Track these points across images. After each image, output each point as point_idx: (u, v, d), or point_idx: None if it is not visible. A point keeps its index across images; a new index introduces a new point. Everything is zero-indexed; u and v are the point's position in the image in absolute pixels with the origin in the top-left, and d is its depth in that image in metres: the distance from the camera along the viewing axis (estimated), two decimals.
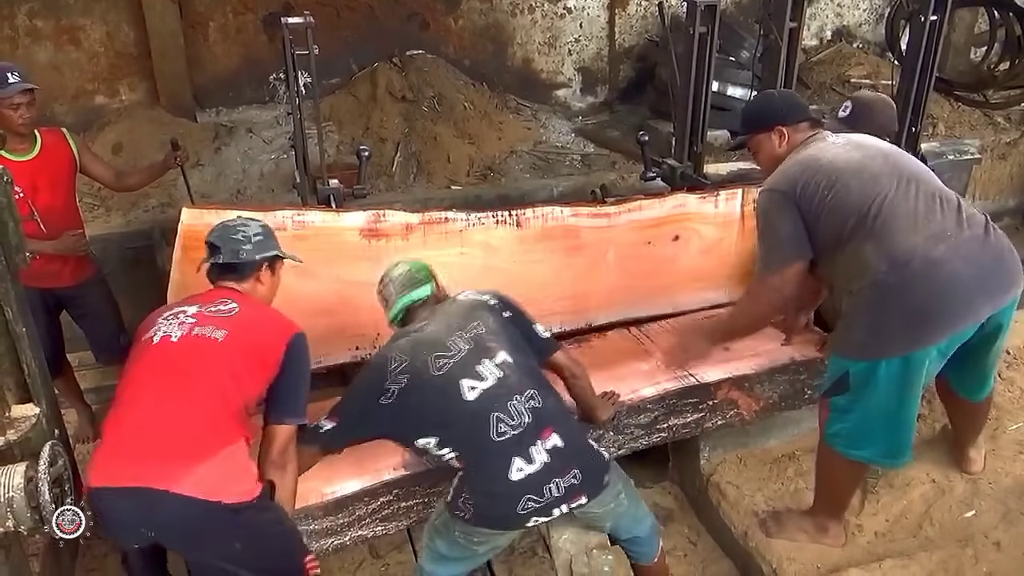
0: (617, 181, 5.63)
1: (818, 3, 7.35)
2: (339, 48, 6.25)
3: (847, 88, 6.91)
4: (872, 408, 2.55)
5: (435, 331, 2.48)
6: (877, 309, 2.46)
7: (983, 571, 2.57)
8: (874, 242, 2.46)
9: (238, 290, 2.48)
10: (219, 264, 2.49)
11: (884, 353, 2.47)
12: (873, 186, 2.52)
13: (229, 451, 2.19)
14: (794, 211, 2.59)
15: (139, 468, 2.13)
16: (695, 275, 3.77)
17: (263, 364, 2.33)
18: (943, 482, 2.97)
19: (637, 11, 6.95)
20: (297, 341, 2.39)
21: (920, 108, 4.09)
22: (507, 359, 2.44)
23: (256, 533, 2.23)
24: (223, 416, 2.22)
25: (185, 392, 2.22)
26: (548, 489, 2.30)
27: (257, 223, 2.61)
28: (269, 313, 2.49)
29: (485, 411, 2.34)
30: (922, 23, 3.96)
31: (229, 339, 2.28)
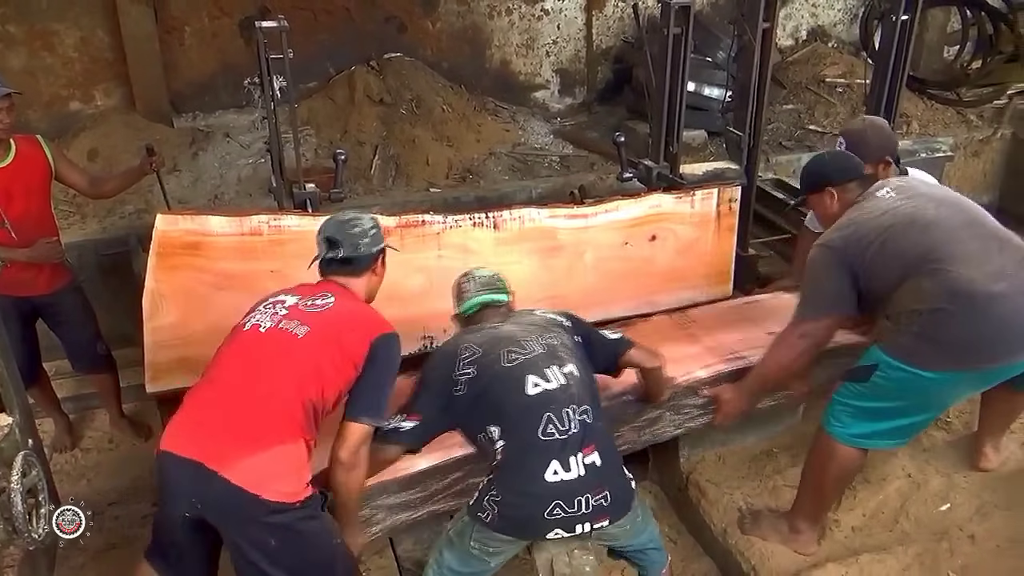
0: (596, 182, 5.65)
1: (793, 3, 7.41)
2: (316, 51, 6.23)
3: (823, 87, 6.98)
4: (898, 407, 2.62)
5: (512, 331, 2.53)
6: (936, 329, 2.53)
7: (958, 564, 2.60)
8: (932, 279, 2.53)
9: (343, 284, 2.49)
10: (338, 259, 2.49)
11: (932, 366, 2.53)
12: (927, 234, 2.60)
13: (283, 449, 2.19)
14: (841, 268, 2.69)
15: (200, 444, 2.18)
16: (672, 275, 3.79)
17: (345, 362, 2.32)
18: (918, 476, 3.00)
19: (614, 12, 6.97)
20: (383, 340, 2.37)
21: (893, 106, 4.14)
22: (574, 371, 2.48)
23: (294, 537, 2.21)
24: (285, 414, 2.22)
25: (255, 383, 2.25)
26: (578, 502, 2.32)
27: (368, 217, 2.63)
28: (363, 311, 2.48)
29: (540, 408, 2.38)
30: (893, 23, 4.01)
31: (310, 336, 2.30)
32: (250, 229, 3.14)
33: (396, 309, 3.18)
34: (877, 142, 3.17)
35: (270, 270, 3.17)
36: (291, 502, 2.18)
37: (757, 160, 4.18)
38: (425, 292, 3.39)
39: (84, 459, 4.06)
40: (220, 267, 3.11)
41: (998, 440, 3.05)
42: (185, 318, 3.11)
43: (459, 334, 2.61)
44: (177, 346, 3.12)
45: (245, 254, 3.15)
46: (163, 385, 3.16)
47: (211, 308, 3.14)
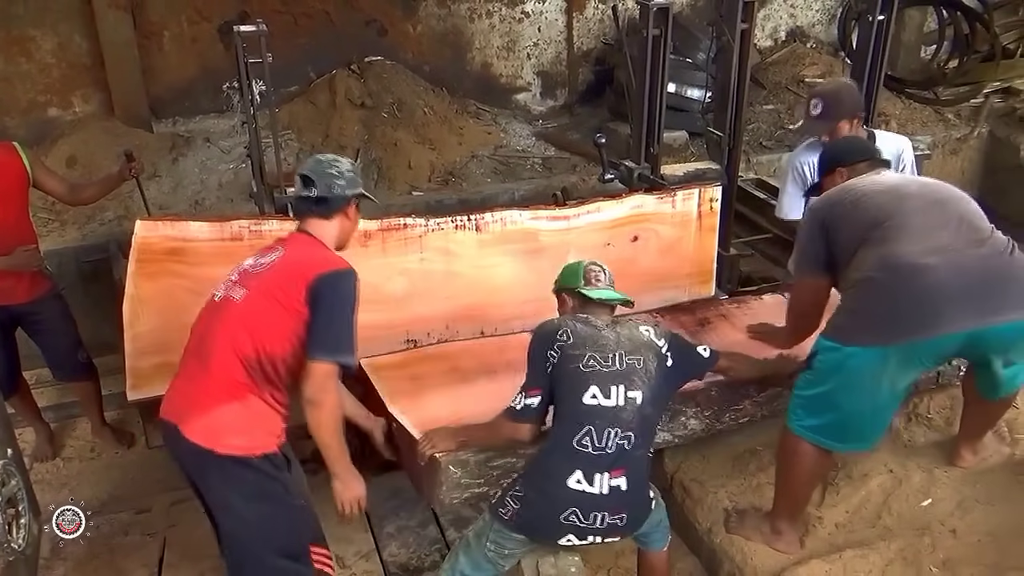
0: (578, 183, 5.67)
1: (771, 4, 7.46)
2: (297, 55, 6.22)
3: (802, 87, 7.02)
4: (830, 390, 2.60)
5: (608, 338, 2.54)
6: (859, 300, 2.57)
7: (940, 558, 2.62)
8: (875, 249, 2.55)
9: (308, 230, 2.55)
10: (311, 198, 2.52)
11: (854, 340, 2.53)
12: (897, 204, 2.62)
13: (233, 406, 2.35)
14: (817, 229, 2.75)
15: (171, 406, 2.44)
16: (655, 275, 3.80)
17: (285, 313, 2.38)
18: (900, 472, 3.02)
19: (594, 14, 7.00)
20: (322, 280, 2.39)
21: (871, 105, 4.16)
22: (637, 400, 2.48)
23: (256, 492, 2.36)
24: (225, 374, 2.36)
25: (201, 349, 2.43)
26: (595, 516, 2.38)
27: (348, 160, 2.65)
28: (306, 257, 2.48)
29: (585, 419, 2.42)
30: (870, 23, 4.04)
31: (246, 298, 2.41)
32: (231, 234, 3.12)
33: (378, 313, 3.20)
34: (850, 100, 3.45)
35: None
36: (244, 455, 2.33)
37: (738, 160, 4.20)
38: (408, 295, 3.38)
39: (66, 468, 4.02)
40: (201, 273, 3.08)
41: (975, 443, 3.04)
42: (166, 324, 3.08)
43: (566, 317, 2.64)
44: (158, 352, 3.09)
45: (226, 259, 3.10)
46: (145, 392, 3.13)
47: (192, 314, 3.07)
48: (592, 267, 2.70)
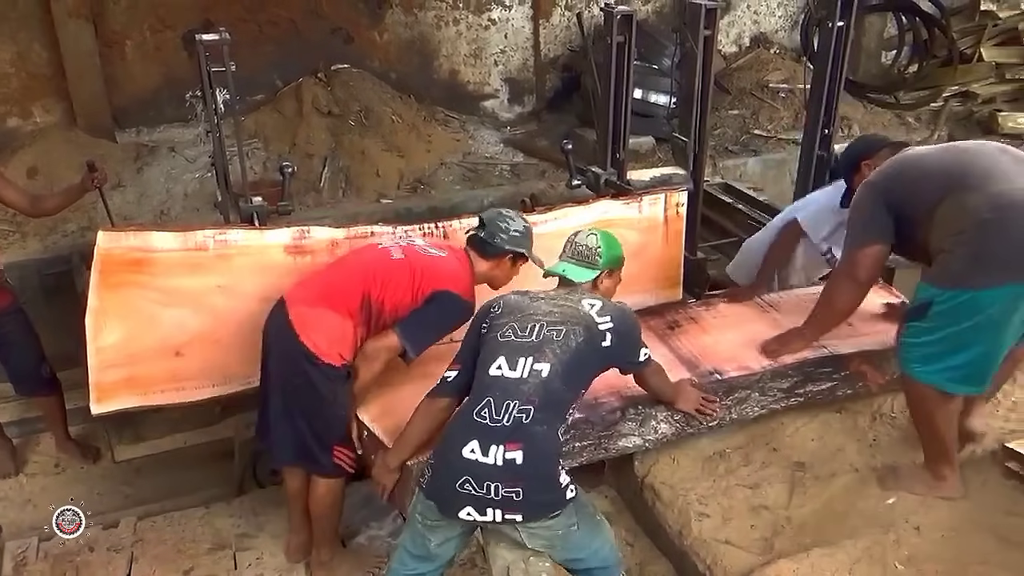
0: (547, 190, 5.69)
1: (736, 11, 7.56)
2: (263, 64, 6.19)
3: (766, 93, 7.12)
4: (958, 334, 2.62)
5: (538, 308, 2.60)
6: (978, 243, 2.57)
7: (905, 555, 2.65)
8: (974, 193, 2.61)
9: (469, 255, 3.03)
10: (478, 237, 3.01)
11: (984, 283, 2.56)
12: (961, 155, 2.77)
13: (329, 314, 2.82)
14: (877, 201, 2.86)
15: (296, 289, 2.94)
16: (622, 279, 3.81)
17: (408, 289, 2.86)
18: (865, 471, 3.05)
19: (561, 21, 7.04)
20: (445, 293, 2.86)
21: (832, 110, 4.22)
22: (543, 373, 2.45)
23: (308, 383, 2.82)
24: (346, 293, 2.85)
25: (349, 271, 2.94)
26: (488, 486, 2.34)
27: (523, 223, 3.07)
28: (455, 270, 2.95)
29: (487, 391, 2.46)
30: (830, 29, 4.10)
31: (400, 261, 2.91)
32: (195, 244, 3.09)
33: None
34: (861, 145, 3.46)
35: (217, 285, 3.14)
36: (316, 356, 2.78)
37: (703, 165, 4.24)
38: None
39: (29, 484, 3.95)
40: (165, 284, 3.06)
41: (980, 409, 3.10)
42: (130, 337, 3.05)
43: (511, 292, 2.75)
44: (123, 366, 3.06)
45: (191, 270, 3.10)
46: (109, 406, 3.10)
47: (157, 325, 3.09)
48: (570, 240, 2.83)
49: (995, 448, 3.04)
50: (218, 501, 3.51)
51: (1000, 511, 2.79)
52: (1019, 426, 3.19)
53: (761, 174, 6.49)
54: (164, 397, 3.19)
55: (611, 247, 2.83)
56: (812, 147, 4.30)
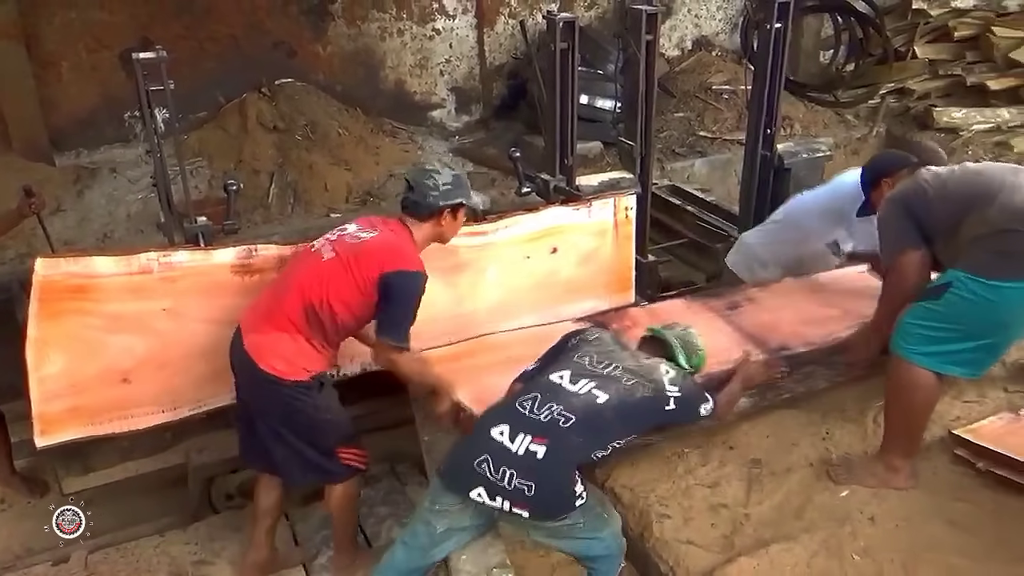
0: (497, 198, 5.68)
1: (677, 15, 7.66)
2: (204, 81, 6.10)
3: (710, 95, 7.22)
4: (968, 320, 2.75)
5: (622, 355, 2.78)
6: (1009, 245, 2.72)
7: (861, 546, 2.70)
8: (997, 207, 2.75)
9: (405, 223, 2.95)
10: (409, 199, 2.94)
11: (1005, 275, 2.69)
12: (982, 176, 2.93)
13: (283, 337, 2.79)
14: (903, 213, 2.98)
15: (248, 316, 2.90)
16: (575, 285, 3.84)
17: (354, 283, 2.81)
18: (820, 465, 3.10)
19: (505, 29, 7.07)
20: (394, 277, 2.80)
21: (773, 110, 4.31)
22: (599, 398, 2.58)
23: (284, 402, 2.80)
24: (295, 313, 2.79)
25: (286, 285, 2.88)
26: (503, 472, 2.41)
27: (451, 172, 3.01)
28: (391, 247, 2.87)
29: (539, 388, 2.60)
30: (768, 30, 4.17)
31: (332, 260, 2.84)
32: (139, 268, 3.02)
33: None
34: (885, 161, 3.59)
35: (163, 308, 3.07)
36: (280, 377, 2.76)
37: (650, 168, 4.29)
38: None
39: None
40: (109, 309, 2.98)
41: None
42: (74, 365, 2.97)
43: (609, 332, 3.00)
44: (67, 396, 2.98)
45: (135, 294, 3.03)
46: (54, 438, 3.01)
47: (102, 352, 3.02)
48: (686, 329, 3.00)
49: (943, 436, 3.11)
50: (173, 529, 3.43)
51: (950, 497, 2.86)
52: (964, 412, 3.27)
53: (708, 175, 6.59)
54: (112, 426, 3.11)
55: (702, 360, 2.99)
56: (756, 147, 4.38)
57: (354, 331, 2.98)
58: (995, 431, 3.01)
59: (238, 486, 3.60)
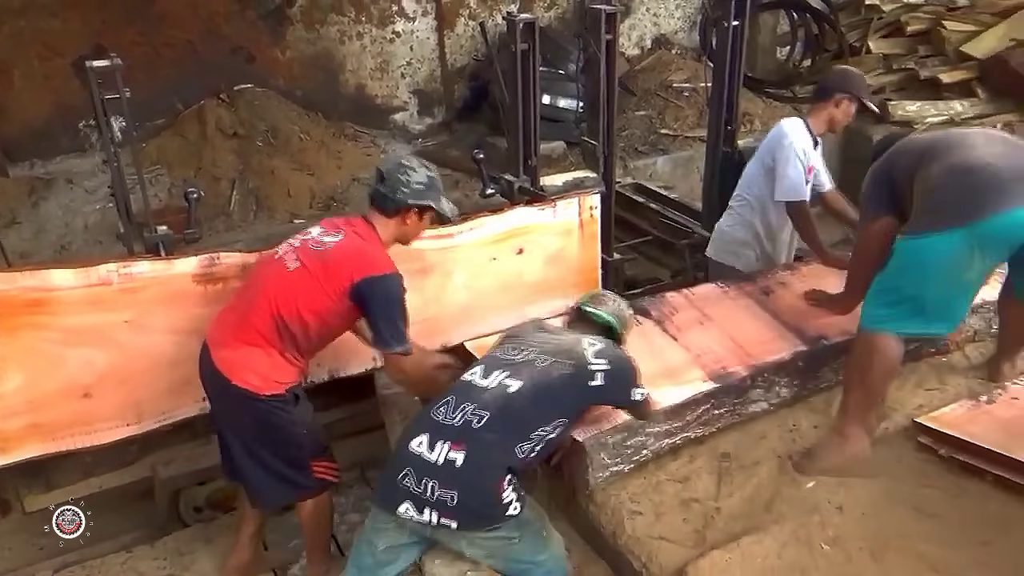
0: (461, 199, 5.67)
1: (636, 14, 7.71)
2: (161, 87, 6.02)
3: (671, 92, 7.28)
4: (912, 277, 2.92)
5: (537, 338, 2.71)
6: (931, 200, 2.91)
7: (829, 535, 2.73)
8: (937, 162, 2.93)
9: (370, 220, 2.86)
10: (378, 192, 2.84)
11: (931, 228, 2.86)
12: (937, 135, 3.18)
13: (255, 351, 2.72)
14: (878, 180, 3.17)
15: (214, 330, 2.82)
16: (541, 285, 3.84)
17: (324, 292, 2.73)
18: (787, 457, 3.15)
19: (465, 31, 7.06)
20: (367, 284, 2.72)
21: (733, 106, 4.36)
22: (510, 388, 2.52)
23: (258, 416, 2.74)
24: (264, 326, 2.72)
25: (251, 297, 2.79)
26: (426, 483, 2.36)
27: (426, 172, 2.91)
28: (360, 252, 2.78)
29: (452, 392, 2.54)
30: (726, 28, 4.22)
31: (298, 270, 2.75)
32: (98, 279, 2.97)
33: None
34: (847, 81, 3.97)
35: (124, 320, 3.03)
36: (254, 392, 2.70)
37: (613, 167, 4.31)
38: None
39: None
40: (68, 323, 2.93)
41: (1014, 358, 3.41)
42: (33, 381, 2.91)
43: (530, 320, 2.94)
44: (26, 412, 2.92)
45: (95, 306, 2.98)
46: (14, 456, 2.95)
47: (62, 367, 2.96)
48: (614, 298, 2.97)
49: (907, 424, 3.17)
50: (140, 544, 3.38)
51: (915, 484, 2.91)
52: (926, 400, 3.33)
53: (671, 172, 6.64)
54: (74, 441, 3.05)
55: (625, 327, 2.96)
56: (717, 143, 4.43)
57: (329, 340, 2.92)
58: (957, 418, 3.07)
59: (206, 498, 3.55)
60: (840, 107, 3.88)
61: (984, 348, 3.63)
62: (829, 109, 3.91)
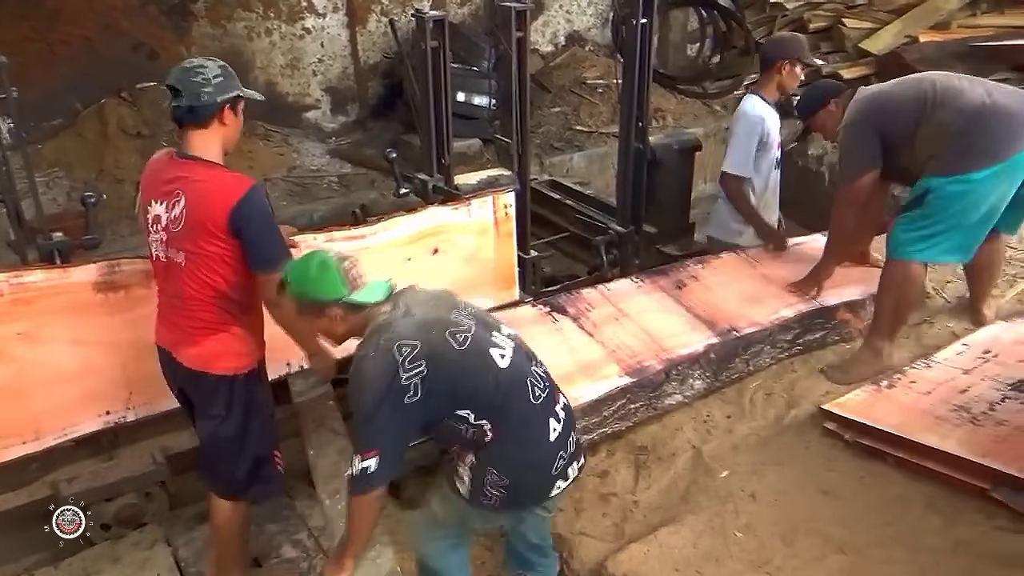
0: (378, 199, 5.62)
1: (549, 11, 7.74)
2: (58, 86, 5.75)
3: (585, 89, 7.34)
4: (949, 215, 3.26)
5: (429, 312, 2.29)
6: (970, 143, 3.21)
7: (743, 523, 2.81)
8: (943, 108, 3.25)
9: (190, 146, 2.57)
10: (181, 107, 2.51)
11: (972, 167, 3.20)
12: (922, 84, 3.38)
13: (220, 336, 2.62)
14: (866, 131, 3.39)
15: (165, 336, 2.70)
16: (459, 285, 3.79)
17: (224, 252, 2.54)
18: (702, 447, 3.21)
19: (377, 28, 6.96)
20: (236, 212, 2.48)
21: (643, 103, 4.41)
22: (509, 331, 2.42)
23: (238, 404, 2.68)
24: (210, 313, 2.60)
25: (180, 300, 2.62)
26: (568, 444, 2.40)
27: (216, 64, 2.58)
28: (209, 194, 2.51)
29: (521, 375, 2.33)
30: (635, 26, 4.26)
31: (188, 260, 2.56)
32: None
33: None
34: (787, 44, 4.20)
35: (17, 333, 2.88)
36: (232, 374, 2.64)
37: (528, 164, 4.31)
38: None
39: None
40: None
41: (988, 300, 3.76)
42: None
43: (377, 334, 2.24)
44: None
45: None
46: None
47: None
48: (346, 265, 2.33)
49: (814, 412, 3.28)
50: (44, 567, 3.22)
51: (822, 469, 3.02)
52: (831, 387, 3.46)
53: (586, 168, 6.70)
54: None
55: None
56: (629, 139, 4.47)
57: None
58: (860, 404, 3.20)
59: (115, 515, 3.40)
60: (784, 71, 4.05)
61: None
62: (774, 76, 4.09)
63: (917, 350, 3.63)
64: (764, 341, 3.58)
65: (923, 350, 3.60)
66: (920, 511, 2.76)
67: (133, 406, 3.16)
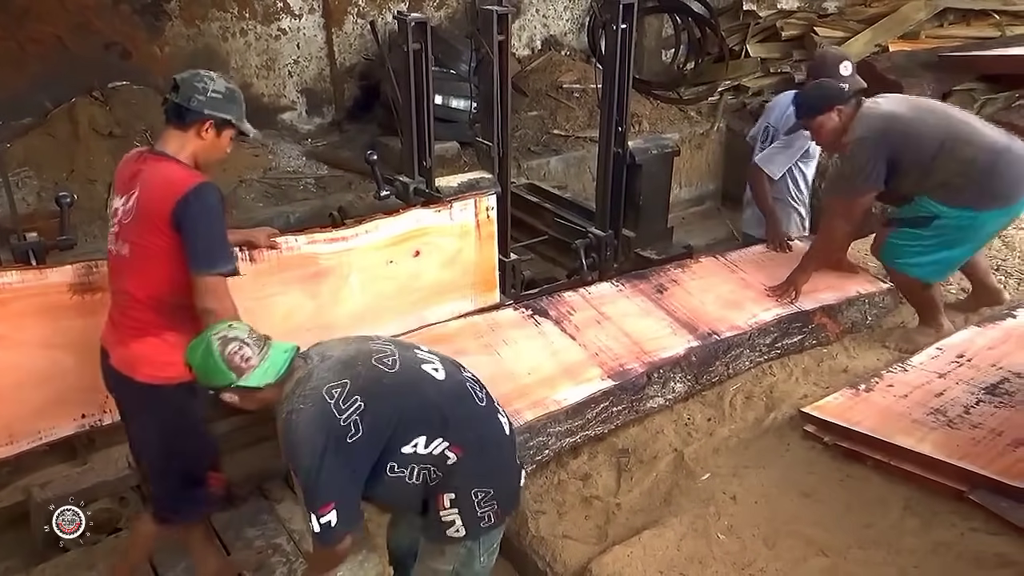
0: (355, 201, 5.57)
1: (526, 15, 7.75)
2: (28, 85, 5.65)
3: (561, 93, 7.36)
4: (950, 241, 3.53)
5: (347, 351, 2.24)
6: (988, 182, 3.43)
7: (725, 524, 2.83)
8: (969, 146, 3.44)
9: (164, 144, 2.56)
10: (171, 102, 2.55)
11: (984, 206, 3.47)
12: (937, 115, 3.58)
13: (149, 340, 2.53)
14: (878, 152, 3.49)
15: (106, 333, 2.65)
16: (440, 288, 3.82)
17: (167, 249, 2.46)
18: (684, 449, 3.23)
19: (354, 30, 6.93)
20: (180, 206, 2.42)
21: (623, 108, 4.43)
22: (427, 347, 2.44)
23: (168, 417, 2.57)
24: (145, 315, 2.53)
25: (121, 296, 2.58)
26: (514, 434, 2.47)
27: (225, 84, 2.60)
28: (159, 189, 2.47)
29: (460, 384, 2.32)
30: (614, 31, 4.29)
31: (131, 252, 2.52)
32: None
33: None
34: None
35: None
36: (161, 384, 2.52)
37: (508, 167, 4.32)
38: None
39: None
40: None
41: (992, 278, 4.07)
42: None
43: (299, 387, 2.16)
44: None
45: None
46: None
47: None
48: (232, 351, 2.18)
49: (794, 415, 3.31)
50: (15, 574, 3.15)
51: (803, 471, 3.05)
52: (811, 390, 3.50)
53: (564, 172, 6.71)
54: None
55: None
56: (608, 144, 4.49)
57: None
58: (839, 407, 3.24)
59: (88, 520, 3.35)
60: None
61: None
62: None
63: None
64: (743, 345, 3.62)
65: None
66: (899, 513, 2.79)
67: (109, 409, 3.10)
